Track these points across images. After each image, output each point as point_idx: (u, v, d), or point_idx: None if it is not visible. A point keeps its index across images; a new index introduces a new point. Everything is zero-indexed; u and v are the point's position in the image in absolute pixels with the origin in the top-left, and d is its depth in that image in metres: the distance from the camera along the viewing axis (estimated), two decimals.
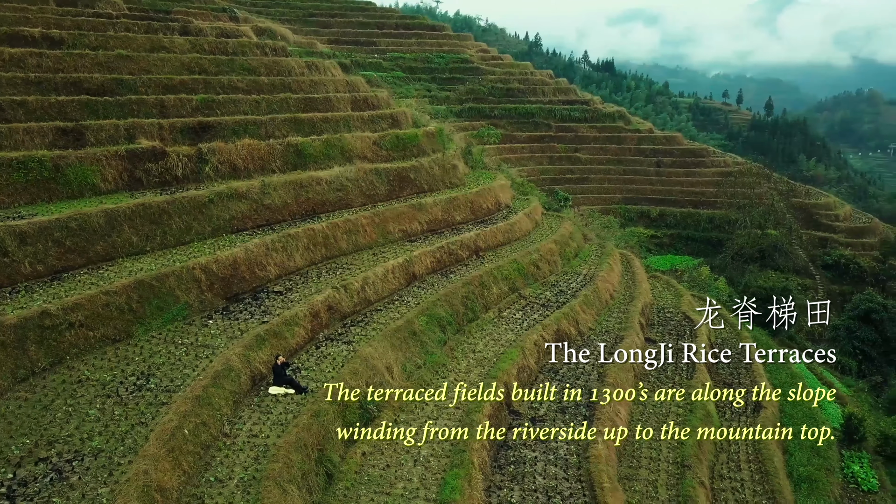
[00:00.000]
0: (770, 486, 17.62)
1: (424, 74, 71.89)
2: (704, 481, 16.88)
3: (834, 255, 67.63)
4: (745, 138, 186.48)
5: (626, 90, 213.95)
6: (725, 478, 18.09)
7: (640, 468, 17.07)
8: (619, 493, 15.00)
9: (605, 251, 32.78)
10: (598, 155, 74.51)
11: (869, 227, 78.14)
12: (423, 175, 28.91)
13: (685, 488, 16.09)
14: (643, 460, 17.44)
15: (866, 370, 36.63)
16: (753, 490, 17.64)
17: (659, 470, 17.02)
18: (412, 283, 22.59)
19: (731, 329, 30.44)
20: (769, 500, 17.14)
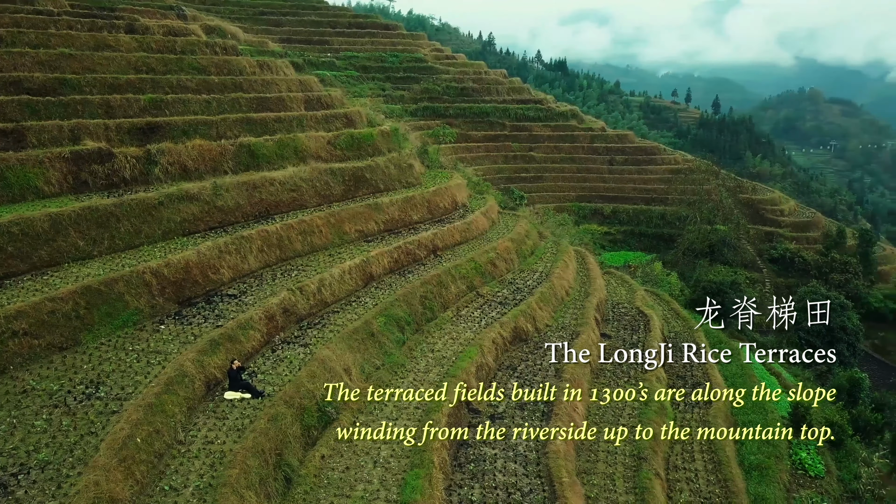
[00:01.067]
0: (723, 475, 18.08)
1: (378, 74, 71.58)
2: (660, 472, 17.22)
3: (780, 249, 69.91)
4: (694, 136, 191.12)
5: (579, 89, 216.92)
6: (680, 468, 18.49)
7: (598, 462, 17.32)
8: (578, 487, 15.20)
9: (560, 248, 33.17)
10: (553, 154, 75.38)
11: (812, 221, 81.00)
12: (379, 175, 28.78)
13: (641, 480, 16.39)
14: (601, 454, 17.70)
15: (811, 360, 37.84)
16: (707, 479, 18.07)
17: (616, 463, 17.30)
18: (370, 283, 22.47)
19: (683, 323, 31.21)
20: (722, 489, 17.58)
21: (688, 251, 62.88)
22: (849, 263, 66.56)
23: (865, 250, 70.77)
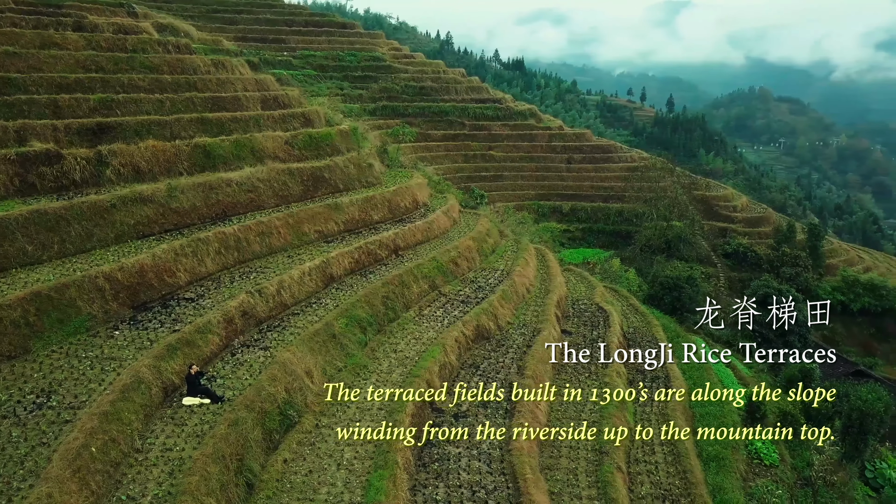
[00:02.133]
0: (682, 467, 18.44)
1: (336, 73, 71.05)
2: (621, 466, 17.47)
3: (733, 244, 71.69)
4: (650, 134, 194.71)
5: (537, 88, 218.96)
6: (641, 461, 18.79)
7: (561, 457, 17.49)
8: (542, 483, 15.33)
9: (520, 246, 33.40)
10: (512, 153, 75.91)
11: (763, 216, 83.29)
12: (339, 174, 28.54)
13: (603, 474, 16.61)
14: (563, 450, 17.87)
15: (764, 351, 38.87)
16: (667, 471, 18.41)
17: (579, 458, 17.49)
18: (330, 284, 22.27)
19: (642, 318, 31.74)
20: (681, 480, 17.93)
21: (645, 247, 63.99)
22: (799, 257, 68.64)
23: (814, 244, 73.05)
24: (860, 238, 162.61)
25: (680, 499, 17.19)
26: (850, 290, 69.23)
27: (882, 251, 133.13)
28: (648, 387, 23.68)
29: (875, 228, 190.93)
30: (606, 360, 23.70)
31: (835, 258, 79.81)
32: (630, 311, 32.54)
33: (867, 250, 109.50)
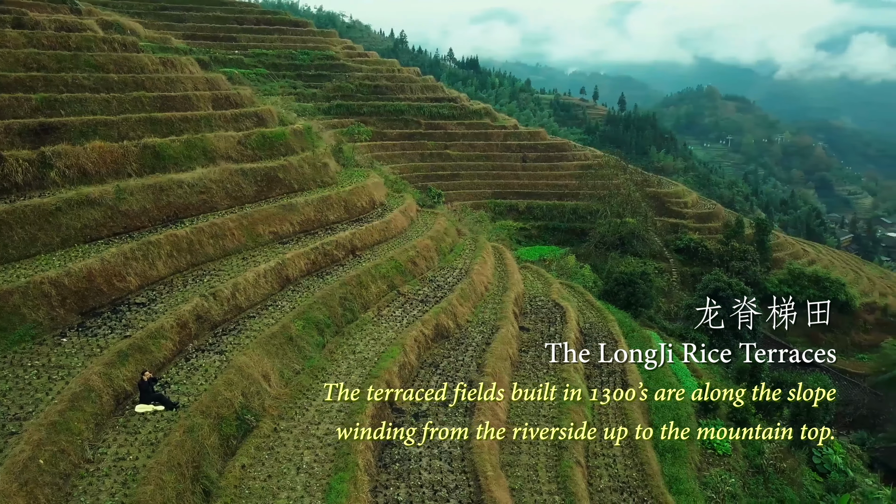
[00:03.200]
0: (639, 459, 18.78)
1: (289, 71, 70.23)
2: (581, 460, 17.71)
3: (685, 240, 73.38)
4: (602, 132, 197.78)
5: (491, 87, 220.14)
6: (599, 455, 19.08)
7: (521, 454, 17.62)
8: (503, 480, 15.42)
9: (478, 245, 33.53)
10: (468, 151, 76.19)
11: (713, 212, 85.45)
12: (293, 174, 28.17)
13: (563, 469, 16.80)
14: (523, 446, 18.00)
15: (716, 344, 39.93)
16: (625, 464, 18.73)
17: (538, 454, 17.65)
18: (286, 286, 21.97)
19: (597, 313, 32.21)
20: (639, 472, 18.26)
21: (599, 244, 65.01)
22: (747, 251, 70.66)
23: (762, 238, 75.31)
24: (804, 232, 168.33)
25: (637, 490, 17.51)
26: (796, 282, 71.55)
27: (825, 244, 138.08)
28: (605, 381, 24.06)
29: (818, 222, 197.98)
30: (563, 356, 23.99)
31: (781, 252, 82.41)
32: (586, 307, 32.99)
33: (811, 244, 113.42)
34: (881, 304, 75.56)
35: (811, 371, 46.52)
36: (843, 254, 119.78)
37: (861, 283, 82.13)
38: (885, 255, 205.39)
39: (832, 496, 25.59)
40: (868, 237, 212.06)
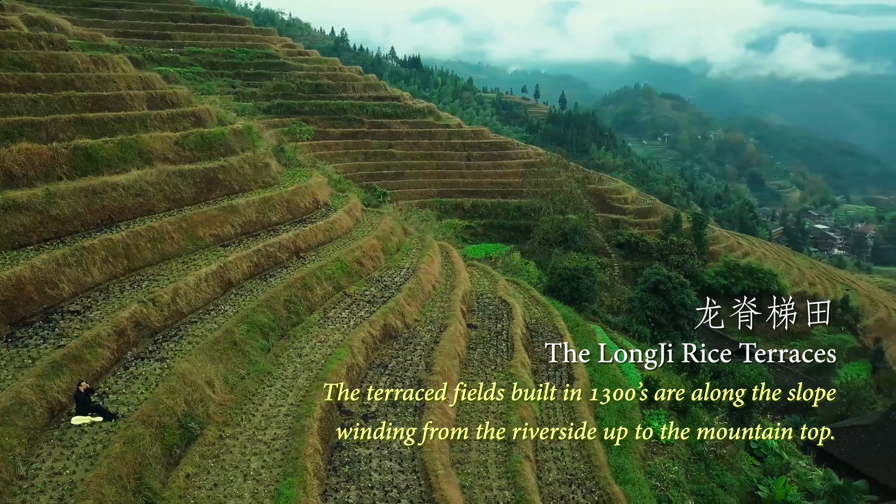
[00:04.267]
0: (586, 451, 19.12)
1: (227, 70, 68.70)
2: (529, 455, 17.91)
3: (625, 235, 75.16)
4: (544, 131, 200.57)
5: (434, 86, 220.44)
6: (547, 449, 19.34)
7: (471, 451, 17.71)
8: (453, 478, 15.48)
9: (424, 244, 33.52)
10: (412, 150, 76.11)
11: (652, 207, 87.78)
12: (234, 175, 27.56)
13: (512, 464, 16.97)
14: (473, 443, 18.10)
15: (658, 336, 41.04)
16: (573, 456, 19.05)
17: (488, 450, 17.77)
18: (229, 290, 21.48)
19: (543, 308, 32.65)
20: (586, 464, 18.60)
21: (543, 241, 65.88)
22: (685, 245, 72.86)
23: (698, 232, 77.78)
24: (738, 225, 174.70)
25: (585, 482, 17.84)
26: (732, 273, 74.22)
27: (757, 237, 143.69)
28: (552, 376, 24.41)
29: (751, 216, 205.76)
30: (511, 349, 24.26)
31: (717, 245, 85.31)
32: (531, 303, 33.40)
33: (745, 236, 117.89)
34: (811, 293, 79.03)
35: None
36: (774, 245, 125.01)
37: (792, 274, 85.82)
38: (813, 246, 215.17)
39: (769, 479, 26.61)
40: (797, 229, 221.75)
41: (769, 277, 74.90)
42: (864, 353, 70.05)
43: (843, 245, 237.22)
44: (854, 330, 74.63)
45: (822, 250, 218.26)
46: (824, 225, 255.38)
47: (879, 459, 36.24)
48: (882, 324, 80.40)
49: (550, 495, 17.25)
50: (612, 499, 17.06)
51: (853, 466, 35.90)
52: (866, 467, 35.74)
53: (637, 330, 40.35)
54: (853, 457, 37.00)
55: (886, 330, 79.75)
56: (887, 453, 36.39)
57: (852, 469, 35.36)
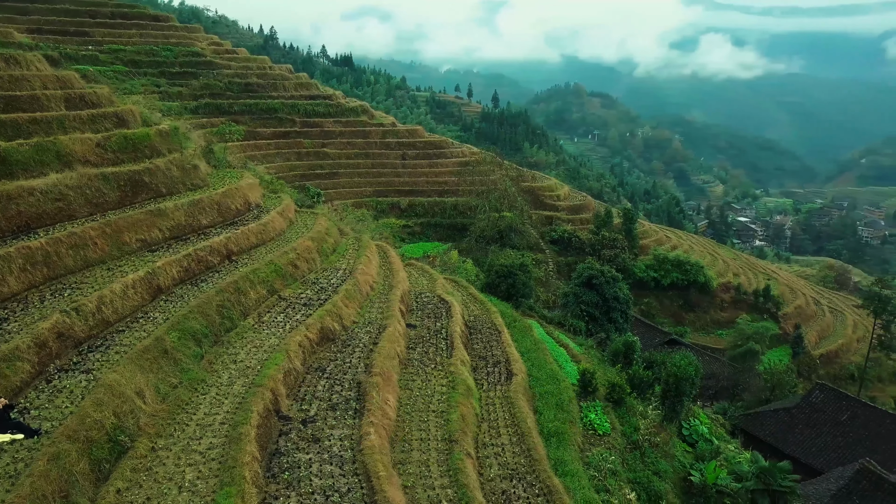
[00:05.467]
0: (526, 446, 19.39)
1: (151, 69, 66.40)
2: (471, 452, 18.03)
3: (559, 231, 76.63)
4: (478, 129, 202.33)
5: (367, 85, 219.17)
6: (488, 445, 19.51)
7: (413, 451, 17.68)
8: (395, 479, 15.40)
9: (361, 244, 33.25)
10: (346, 149, 75.46)
11: (584, 204, 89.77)
12: (160, 178, 26.64)
13: (454, 462, 17.03)
14: (414, 442, 18.09)
15: (592, 329, 41.99)
16: (512, 451, 19.27)
17: (430, 449, 17.79)
18: (158, 296, 20.74)
19: (481, 306, 32.91)
20: (526, 458, 18.85)
21: (480, 238, 66.48)
22: (616, 240, 74.87)
23: (629, 227, 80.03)
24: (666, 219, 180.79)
25: (526, 476, 18.07)
26: (661, 266, 76.77)
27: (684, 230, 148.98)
28: (491, 372, 24.64)
29: (678, 210, 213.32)
30: (450, 348, 24.35)
31: (647, 239, 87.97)
32: (470, 300, 33.62)
33: (672, 230, 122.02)
34: (735, 284, 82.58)
35: (678, 348, 50.02)
36: (700, 238, 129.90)
37: (717, 265, 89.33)
38: (736, 238, 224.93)
39: (700, 464, 27.62)
40: (721, 222, 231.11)
41: (696, 269, 77.83)
42: (785, 339, 73.66)
43: (764, 236, 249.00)
44: (775, 317, 78.35)
45: (744, 242, 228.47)
46: (746, 217, 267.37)
47: (801, 440, 38.24)
48: (800, 310, 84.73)
49: (492, 491, 17.41)
50: (553, 491, 17.35)
51: (777, 448, 37.75)
52: (789, 448, 37.66)
53: (572, 324, 41.16)
54: (777, 438, 38.91)
55: (805, 316, 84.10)
56: (807, 434, 38.43)
57: (777, 450, 37.19)
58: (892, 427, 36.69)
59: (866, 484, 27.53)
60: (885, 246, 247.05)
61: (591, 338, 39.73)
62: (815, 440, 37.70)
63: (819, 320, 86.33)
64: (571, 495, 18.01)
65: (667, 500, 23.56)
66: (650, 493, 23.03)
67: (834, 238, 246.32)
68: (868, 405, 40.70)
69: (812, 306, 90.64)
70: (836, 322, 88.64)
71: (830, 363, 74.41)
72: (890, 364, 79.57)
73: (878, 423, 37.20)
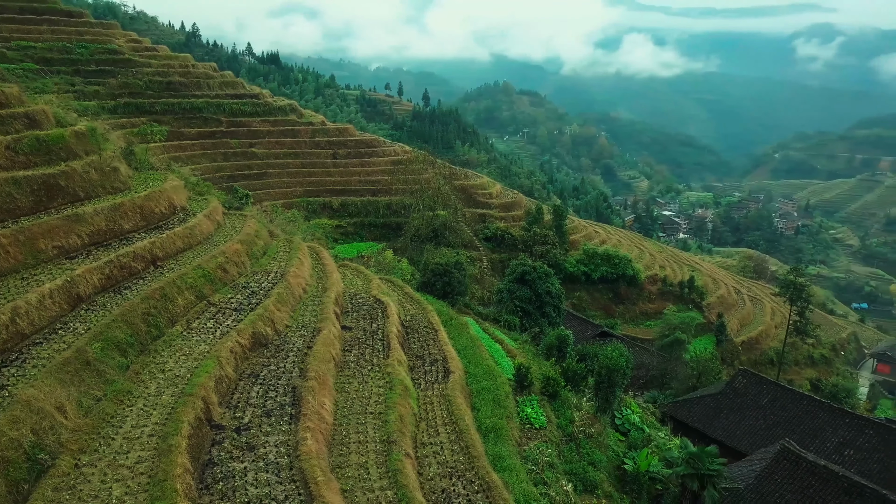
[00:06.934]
0: (464, 443, 19.48)
1: (65, 67, 63.29)
2: (410, 452, 17.97)
3: (492, 229, 77.39)
4: (409, 128, 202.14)
5: (295, 83, 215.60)
6: (427, 444, 19.50)
7: (351, 454, 17.49)
8: (334, 483, 15.19)
9: (293, 246, 32.64)
10: (275, 149, 74.02)
11: (515, 201, 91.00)
12: (78, 181, 25.39)
13: (393, 463, 16.94)
14: (352, 445, 17.90)
15: (527, 324, 42.59)
16: (451, 449, 19.33)
17: (368, 452, 17.63)
18: (78, 306, 19.77)
19: (417, 305, 32.86)
20: (465, 456, 18.94)
21: (415, 237, 66.42)
22: (547, 236, 76.23)
23: (559, 223, 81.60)
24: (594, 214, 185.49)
25: (465, 473, 18.16)
26: (591, 261, 78.61)
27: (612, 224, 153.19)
28: (428, 371, 24.64)
29: (605, 205, 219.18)
30: (387, 348, 24.22)
31: (577, 234, 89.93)
32: (406, 300, 33.52)
33: (601, 225, 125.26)
34: (661, 276, 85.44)
35: (609, 340, 51.33)
36: (628, 232, 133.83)
37: (644, 258, 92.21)
38: (661, 232, 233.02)
39: (633, 452, 28.43)
40: (647, 216, 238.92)
41: (625, 263, 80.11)
42: (709, 327, 76.71)
43: (687, 229, 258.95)
44: (700, 307, 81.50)
45: (669, 235, 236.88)
46: (670, 211, 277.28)
47: (726, 424, 39.88)
48: (723, 300, 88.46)
49: (432, 490, 17.41)
50: (492, 487, 17.49)
51: (705, 433, 39.26)
52: (716, 432, 39.23)
53: (507, 319, 41.65)
54: (704, 424, 40.46)
55: (727, 305, 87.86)
56: (732, 418, 40.11)
57: (704, 435, 38.67)
58: (808, 408, 38.70)
59: (787, 463, 28.94)
60: (798, 236, 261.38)
61: (526, 333, 40.27)
62: (740, 424, 39.38)
63: (740, 309, 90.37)
64: (510, 490, 18.20)
65: (602, 489, 24.13)
66: (586, 483, 23.55)
67: (752, 229, 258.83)
68: (787, 388, 42.80)
69: (733, 295, 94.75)
70: (756, 310, 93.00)
71: (751, 349, 78.03)
72: (805, 348, 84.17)
73: (796, 405, 39.17)
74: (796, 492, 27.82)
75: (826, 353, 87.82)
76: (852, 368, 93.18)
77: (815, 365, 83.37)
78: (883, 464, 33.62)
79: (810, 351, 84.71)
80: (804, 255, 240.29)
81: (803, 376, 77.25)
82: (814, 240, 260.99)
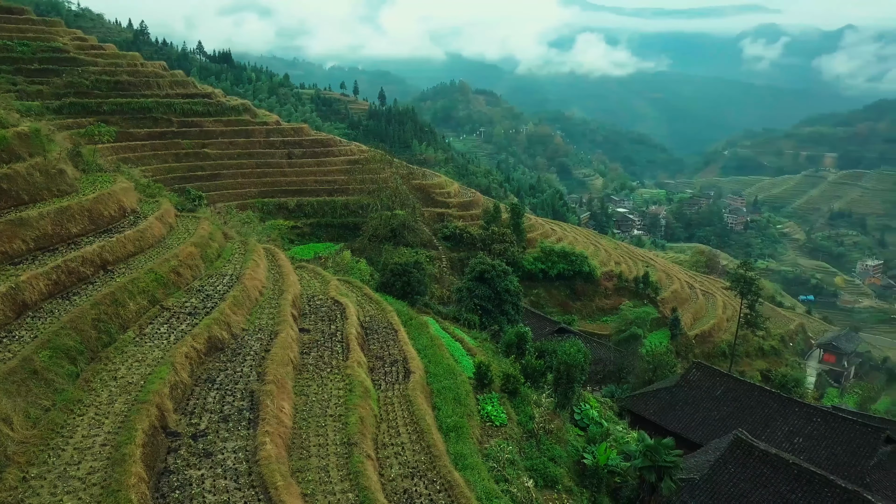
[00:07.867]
0: (426, 443, 19.46)
1: (5, 65, 61.14)
2: (370, 453, 17.87)
3: (450, 228, 77.56)
4: (366, 127, 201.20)
5: (248, 82, 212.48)
6: (388, 445, 19.42)
7: (311, 457, 17.31)
8: (294, 488, 15.01)
9: (248, 248, 32.13)
10: (228, 150, 72.83)
11: (473, 200, 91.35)
12: (21, 184, 24.49)
13: (354, 465, 16.82)
14: (312, 448, 17.71)
15: (486, 322, 42.79)
16: (412, 449, 19.29)
17: (328, 454, 17.47)
18: (24, 313, 19.07)
19: (376, 305, 32.70)
20: (426, 456, 18.91)
21: (373, 237, 66.07)
22: (505, 234, 76.75)
23: (516, 221, 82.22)
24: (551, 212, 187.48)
25: (427, 473, 18.15)
26: (548, 258, 79.46)
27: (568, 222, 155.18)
28: (388, 371, 24.54)
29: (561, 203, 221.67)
30: (346, 350, 24.03)
31: (534, 232, 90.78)
32: (365, 301, 33.32)
33: (557, 223, 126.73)
34: (617, 272, 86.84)
35: (567, 336, 51.96)
36: (583, 230, 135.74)
37: (600, 255, 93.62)
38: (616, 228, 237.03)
39: (592, 447, 28.82)
40: (602, 213, 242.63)
41: (581, 259, 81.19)
42: (663, 322, 78.30)
43: (641, 226, 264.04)
44: (654, 302, 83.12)
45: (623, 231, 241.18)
46: (624, 208, 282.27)
47: (681, 416, 40.78)
48: (676, 294, 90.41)
49: (394, 491, 17.35)
50: (454, 486, 17.51)
51: (661, 425, 40.07)
52: (672, 425, 40.07)
53: (466, 318, 41.78)
54: (661, 417, 41.29)
55: (680, 300, 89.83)
56: (687, 410, 41.04)
57: (661, 428, 39.46)
58: (759, 398, 39.85)
59: (740, 453, 29.75)
60: (747, 231, 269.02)
61: (485, 331, 40.45)
62: (694, 416, 40.32)
63: (693, 303, 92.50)
64: (472, 488, 18.27)
65: (562, 484, 24.40)
66: (547, 478, 23.78)
67: (703, 225, 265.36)
68: (738, 379, 44.01)
69: (686, 290, 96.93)
70: (708, 304, 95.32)
71: (704, 342, 79.96)
72: (756, 340, 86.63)
73: (747, 396, 40.30)
74: (749, 480, 28.62)
75: (775, 344, 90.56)
76: (800, 359, 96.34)
77: (765, 356, 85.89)
78: (830, 450, 34.85)
79: (760, 343, 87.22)
80: (753, 249, 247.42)
81: (754, 367, 79.48)
82: (762, 234, 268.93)
